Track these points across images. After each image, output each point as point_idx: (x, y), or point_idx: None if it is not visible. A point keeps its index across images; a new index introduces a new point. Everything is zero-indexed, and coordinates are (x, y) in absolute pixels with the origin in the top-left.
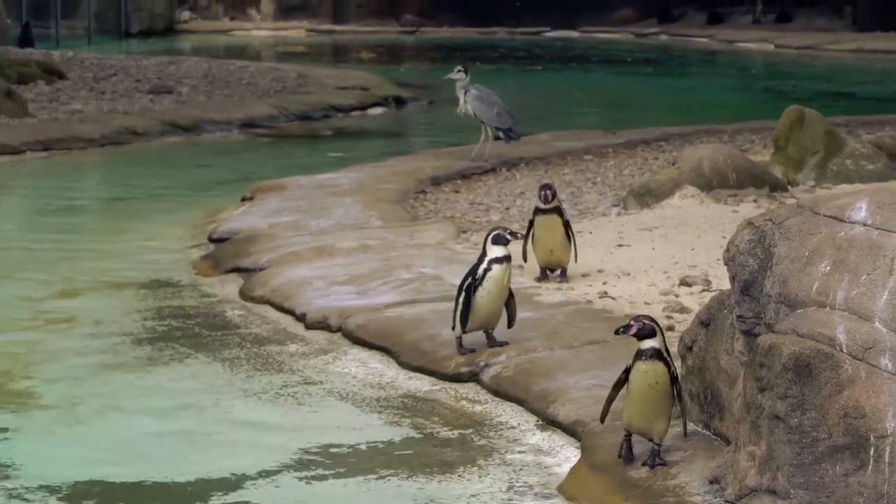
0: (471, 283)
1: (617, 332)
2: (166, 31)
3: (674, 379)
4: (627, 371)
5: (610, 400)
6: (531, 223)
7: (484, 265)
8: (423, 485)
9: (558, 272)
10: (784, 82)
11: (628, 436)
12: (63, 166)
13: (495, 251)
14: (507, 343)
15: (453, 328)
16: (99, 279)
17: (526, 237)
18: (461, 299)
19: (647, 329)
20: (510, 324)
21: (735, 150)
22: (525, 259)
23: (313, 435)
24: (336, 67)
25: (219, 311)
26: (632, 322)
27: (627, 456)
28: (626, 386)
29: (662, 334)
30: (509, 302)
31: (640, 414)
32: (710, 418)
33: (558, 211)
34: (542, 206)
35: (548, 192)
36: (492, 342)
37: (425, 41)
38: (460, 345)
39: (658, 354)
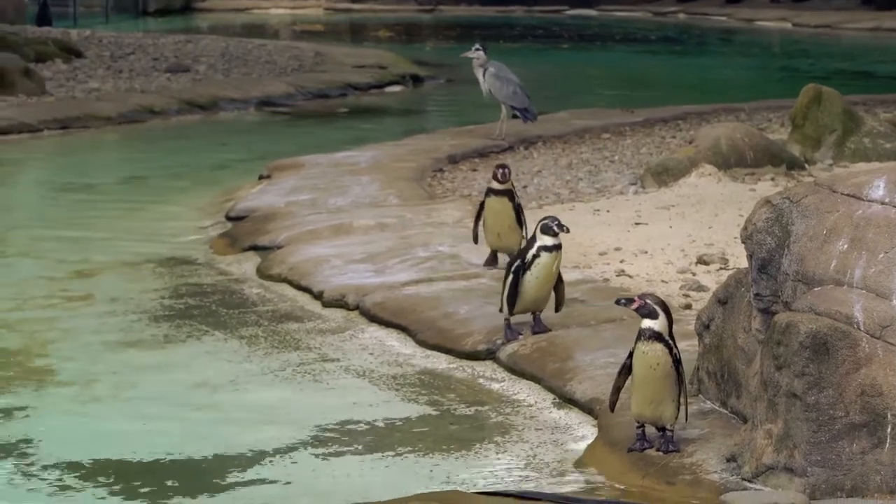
0: (519, 266)
1: (618, 302)
2: (184, 9)
3: (676, 361)
4: (631, 355)
5: (617, 388)
6: (482, 204)
7: (533, 251)
8: (440, 461)
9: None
10: (802, 61)
11: (641, 427)
12: (80, 145)
13: (545, 240)
14: (549, 329)
15: (500, 310)
16: (116, 257)
17: (476, 218)
18: (509, 281)
19: (648, 309)
20: (557, 308)
21: (752, 129)
22: (475, 240)
23: (330, 412)
24: (354, 46)
25: (236, 290)
26: (636, 297)
27: (642, 448)
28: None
29: (670, 317)
30: (558, 286)
31: (645, 398)
32: (727, 396)
33: (510, 194)
34: (495, 186)
35: (504, 170)
36: (537, 326)
37: (443, 20)
38: (509, 327)
39: (658, 336)
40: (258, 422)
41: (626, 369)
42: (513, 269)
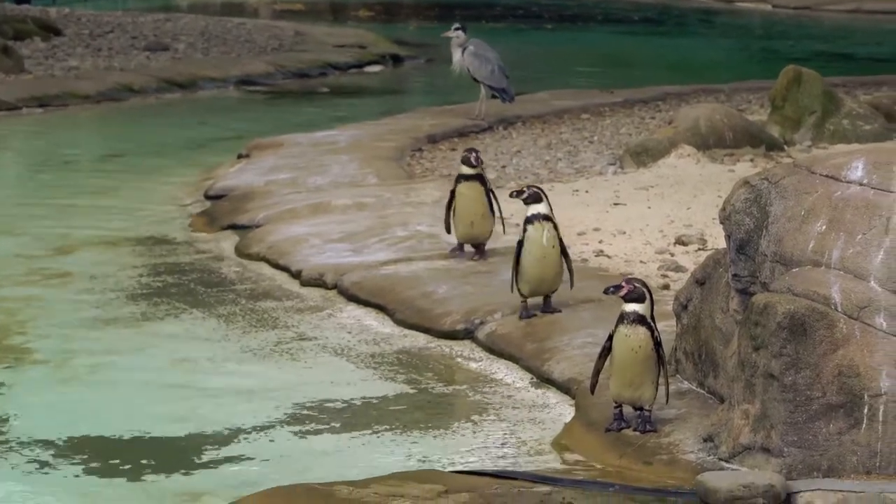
0: (518, 242)
1: (606, 292)
2: None
3: (657, 344)
4: (611, 338)
5: (597, 371)
6: (453, 192)
7: (522, 225)
8: (418, 440)
9: (474, 251)
10: (782, 42)
11: (618, 407)
12: (59, 123)
13: (528, 210)
14: (559, 311)
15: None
16: (94, 235)
17: (448, 207)
18: (514, 260)
19: (638, 293)
20: (571, 284)
21: (732, 110)
22: (448, 230)
23: (308, 390)
24: (334, 25)
25: (214, 268)
26: (623, 283)
27: (619, 428)
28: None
29: (652, 300)
30: (567, 262)
31: (624, 380)
32: (705, 376)
33: (481, 178)
34: (465, 171)
35: (475, 154)
36: (545, 307)
37: None
38: (525, 308)
39: (641, 320)
40: (235, 400)
41: (606, 351)
42: (516, 248)
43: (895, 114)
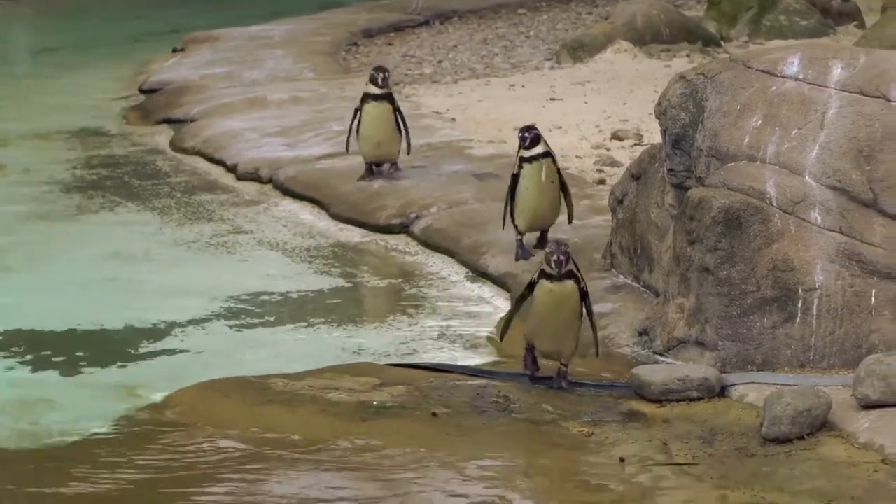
0: (514, 176)
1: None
2: None
3: (584, 295)
4: (532, 286)
5: (508, 320)
6: (357, 111)
7: (517, 163)
8: (353, 333)
9: (387, 166)
10: None
11: (531, 348)
12: None
13: (524, 152)
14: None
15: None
16: (28, 129)
17: (351, 126)
18: (507, 196)
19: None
20: (570, 218)
21: (669, 5)
22: (347, 149)
23: (243, 283)
24: None
25: (149, 161)
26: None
27: (533, 368)
28: (529, 301)
29: (580, 274)
30: (566, 197)
31: (545, 334)
32: (640, 271)
33: (389, 97)
34: (373, 90)
35: (384, 74)
36: (541, 241)
37: None
38: (520, 245)
39: (568, 273)
40: (171, 293)
41: (523, 299)
42: (509, 183)
43: (831, 9)
